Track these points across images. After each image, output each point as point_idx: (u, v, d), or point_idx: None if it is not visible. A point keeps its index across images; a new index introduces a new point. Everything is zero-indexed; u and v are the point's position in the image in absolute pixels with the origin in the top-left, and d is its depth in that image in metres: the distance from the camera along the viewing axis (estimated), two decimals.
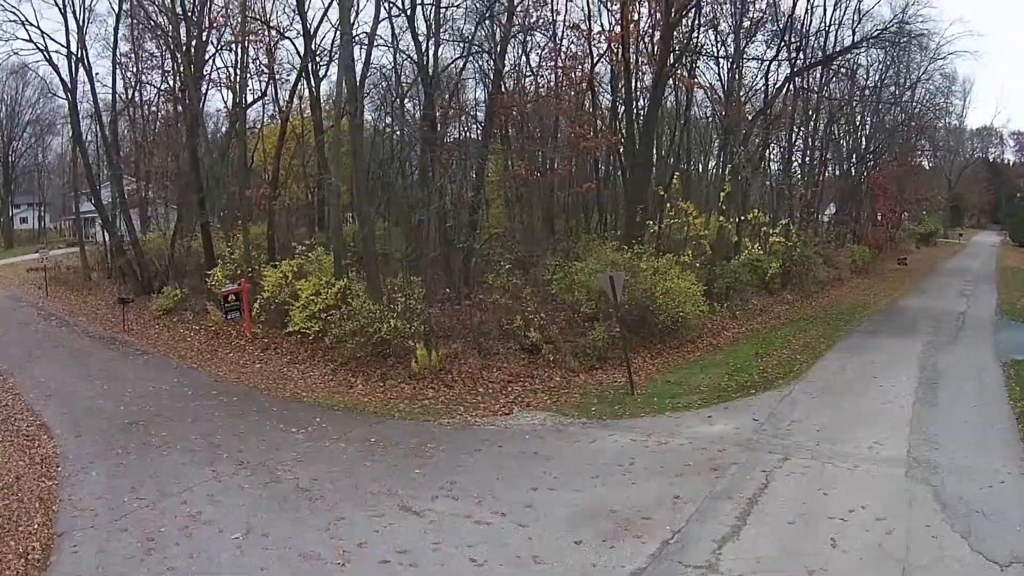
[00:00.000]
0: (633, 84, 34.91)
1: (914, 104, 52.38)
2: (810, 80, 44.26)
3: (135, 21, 35.09)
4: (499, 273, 27.68)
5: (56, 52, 33.96)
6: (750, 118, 35.82)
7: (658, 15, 33.07)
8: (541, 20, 35.03)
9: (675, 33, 33.62)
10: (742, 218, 30.35)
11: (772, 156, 47.25)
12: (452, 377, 19.76)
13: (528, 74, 37.79)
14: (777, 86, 36.92)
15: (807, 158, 46.20)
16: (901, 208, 57.20)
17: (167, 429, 16.16)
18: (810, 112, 45.54)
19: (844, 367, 21.10)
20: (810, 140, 46.45)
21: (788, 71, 37.15)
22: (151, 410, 17.73)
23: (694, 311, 24.97)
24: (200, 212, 31.85)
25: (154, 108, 39.04)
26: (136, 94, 38.20)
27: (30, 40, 34.84)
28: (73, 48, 33.23)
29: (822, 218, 50.97)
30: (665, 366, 22.25)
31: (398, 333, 20.50)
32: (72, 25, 32.99)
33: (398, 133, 38.60)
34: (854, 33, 38.11)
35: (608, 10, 35.39)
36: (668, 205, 28.68)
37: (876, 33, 36.83)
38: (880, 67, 48.94)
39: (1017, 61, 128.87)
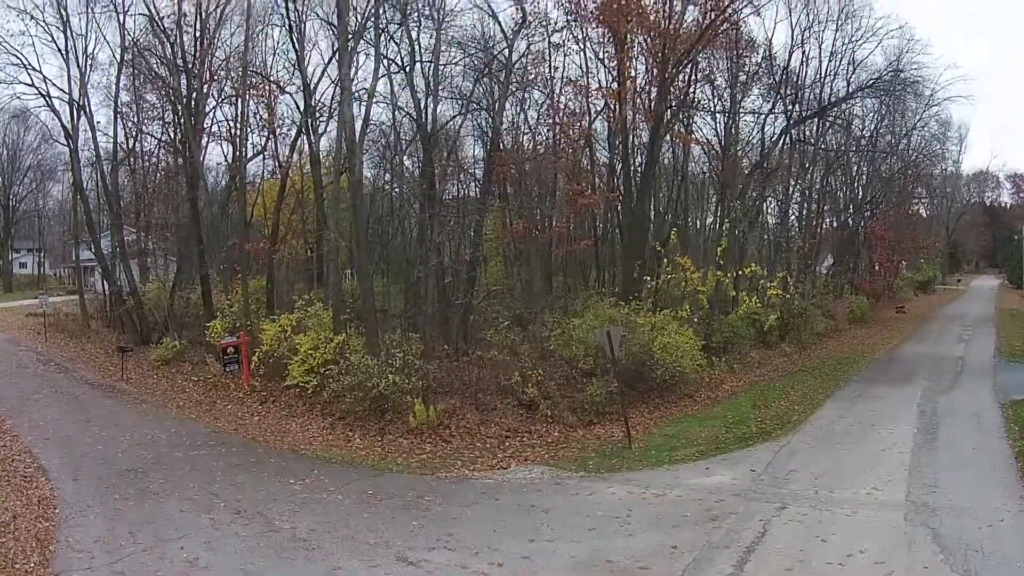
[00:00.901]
0: (630, 140, 35.37)
1: (910, 152, 53.10)
2: (806, 132, 45.16)
3: (136, 71, 35.37)
4: (497, 329, 27.85)
5: (58, 98, 34.16)
6: (747, 172, 36.33)
7: (654, 71, 33.79)
8: (539, 77, 35.87)
9: (671, 88, 34.46)
10: (739, 272, 30.63)
11: (769, 209, 47.82)
12: (450, 432, 19.77)
13: (526, 131, 38.65)
14: (774, 139, 37.55)
15: (804, 210, 46.72)
16: (899, 257, 57.53)
17: (165, 476, 16.23)
18: (807, 164, 46.24)
19: (842, 416, 21.12)
20: (807, 192, 47.04)
21: (784, 124, 37.80)
22: (149, 457, 17.79)
23: (692, 365, 25.08)
24: (200, 264, 31.99)
25: (154, 159, 39.17)
26: (137, 144, 38.12)
27: (32, 85, 34.70)
28: (75, 95, 33.53)
29: (820, 270, 51.31)
30: (663, 420, 22.22)
31: (396, 388, 20.50)
32: (74, 72, 33.06)
33: (397, 190, 39.30)
34: (849, 83, 38.96)
35: (604, 66, 36.19)
36: (665, 261, 28.97)
37: (871, 82, 37.62)
38: (875, 116, 49.78)
39: (1011, 104, 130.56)
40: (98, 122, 36.87)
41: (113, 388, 26.08)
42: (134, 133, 37.85)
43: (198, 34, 33.11)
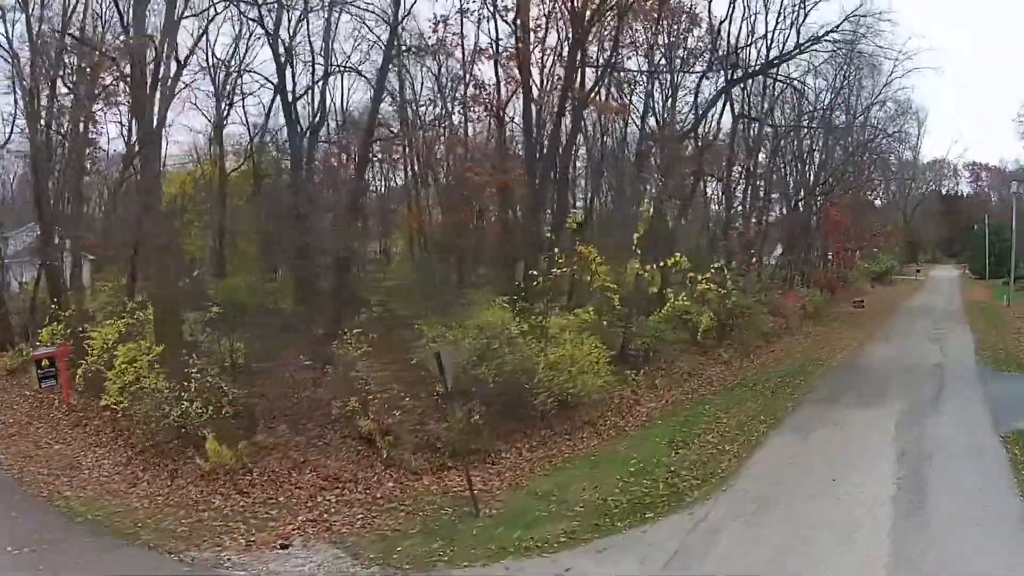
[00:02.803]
0: (537, 112, 29.33)
1: (867, 130, 47.51)
2: (750, 105, 39.29)
3: None
4: (352, 337, 21.86)
5: None
6: (677, 142, 30.21)
7: (568, 29, 27.84)
8: (445, 45, 30.85)
9: (589, 49, 28.55)
10: (663, 265, 24.58)
11: (712, 193, 41.85)
12: (251, 479, 15.37)
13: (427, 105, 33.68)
14: (709, 99, 31.32)
15: (748, 193, 40.72)
16: (855, 245, 52.00)
17: None
18: (751, 141, 40.38)
19: (791, 461, 15.02)
20: (751, 171, 41.03)
21: (723, 85, 31.68)
22: None
23: (595, 383, 18.99)
24: (42, 253, 27.43)
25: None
26: None
27: None
28: None
29: (768, 260, 45.52)
30: (545, 462, 16.30)
31: (190, 419, 16.18)
32: None
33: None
34: (799, 35, 32.50)
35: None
36: (556, 251, 22.61)
37: (823, 34, 31.30)
38: (830, 91, 44.21)
39: (991, 95, 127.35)
40: None
41: None
42: None
43: None
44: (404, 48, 30.11)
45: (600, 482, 14.19)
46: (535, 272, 22.31)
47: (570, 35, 27.77)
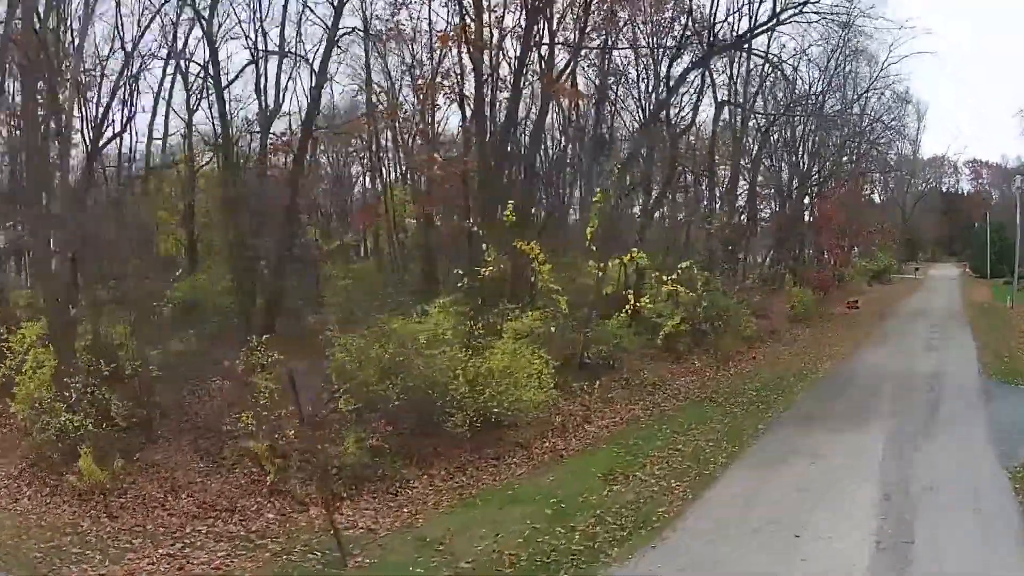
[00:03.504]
0: (490, 94, 26.47)
1: (863, 117, 44.52)
2: (735, 91, 36.39)
3: None
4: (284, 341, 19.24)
5: None
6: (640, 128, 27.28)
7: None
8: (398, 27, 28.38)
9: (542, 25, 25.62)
10: (619, 261, 21.64)
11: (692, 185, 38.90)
12: (124, 502, 13.55)
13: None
14: (678, 76, 28.23)
15: (730, 186, 37.72)
16: (851, 242, 48.95)
17: None
18: (737, 131, 37.48)
19: (747, 506, 12.09)
20: (738, 162, 38.09)
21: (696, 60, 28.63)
22: None
23: (533, 398, 16.09)
24: None
25: None
26: None
27: None
28: None
29: (755, 258, 42.55)
30: (454, 495, 13.49)
31: (67, 432, 14.20)
32: None
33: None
34: (774, 4, 29.22)
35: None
36: (485, 247, 19.62)
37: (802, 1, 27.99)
38: (822, 78, 41.27)
39: (972, 86, 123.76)
40: None
41: None
42: None
43: None
44: (349, 31, 27.95)
45: (505, 528, 11.30)
46: (458, 271, 19.41)
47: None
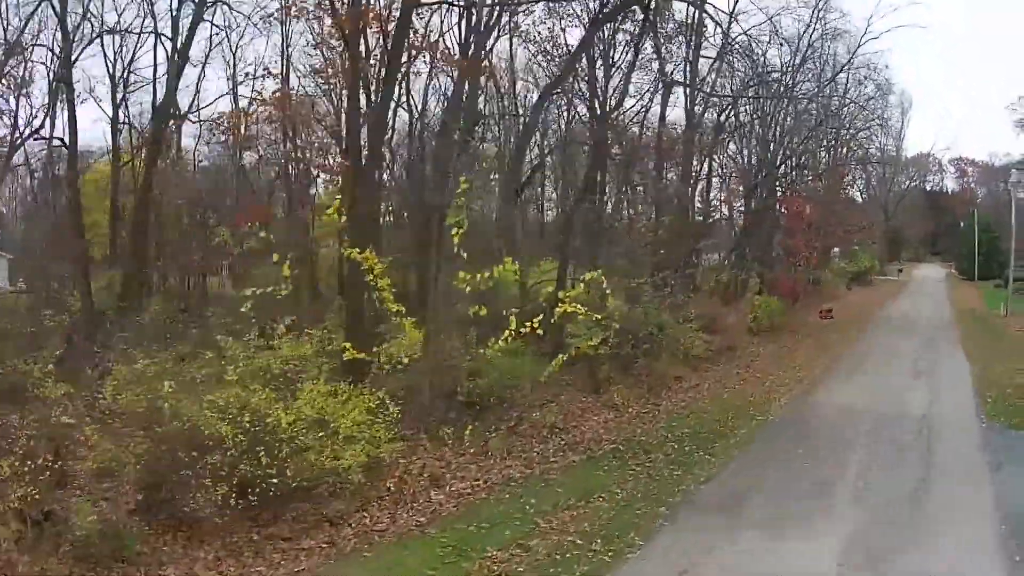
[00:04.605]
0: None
1: (840, 100, 39.26)
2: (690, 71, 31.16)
3: None
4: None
5: None
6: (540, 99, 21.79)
7: None
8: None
9: None
10: (488, 275, 16.27)
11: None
12: None
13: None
14: (579, 44, 22.54)
15: (678, 179, 32.26)
16: (824, 243, 43.66)
17: None
18: (690, 114, 32.15)
19: None
20: (687, 152, 32.65)
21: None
22: None
23: (353, 460, 11.40)
24: None
25: None
26: None
27: None
28: None
29: (713, 261, 37.25)
30: None
31: None
32: None
33: None
34: None
35: None
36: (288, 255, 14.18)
37: None
38: (792, 54, 36.08)
39: (963, 71, 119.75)
40: None
41: None
42: None
43: None
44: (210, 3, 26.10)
45: None
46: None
47: None
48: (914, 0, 55.04)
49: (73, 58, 26.00)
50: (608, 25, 23.74)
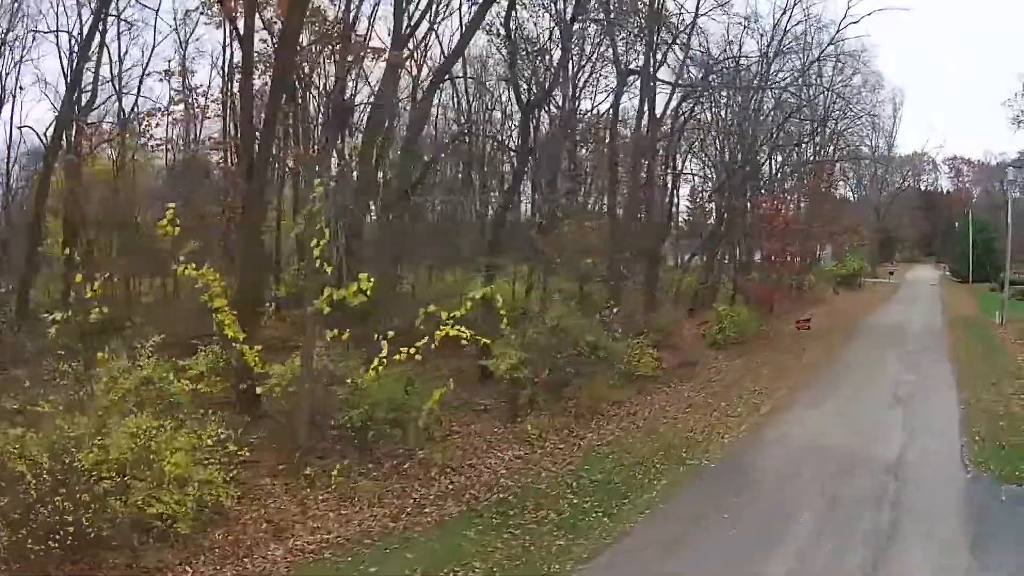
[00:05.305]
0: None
1: (816, 90, 36.24)
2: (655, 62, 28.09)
3: None
4: None
5: None
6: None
7: None
8: None
9: None
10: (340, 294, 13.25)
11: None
12: None
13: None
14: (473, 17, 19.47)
15: (629, 178, 29.09)
16: (802, 248, 40.52)
17: None
18: (649, 103, 29.02)
19: None
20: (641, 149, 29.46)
21: None
22: None
23: (180, 510, 9.92)
24: None
25: None
26: None
27: None
28: None
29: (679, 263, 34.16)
30: None
31: None
32: None
33: None
34: None
35: None
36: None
37: None
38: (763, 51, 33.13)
39: (949, 84, 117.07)
40: None
41: None
42: None
43: None
44: None
45: None
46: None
47: None
48: None
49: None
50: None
